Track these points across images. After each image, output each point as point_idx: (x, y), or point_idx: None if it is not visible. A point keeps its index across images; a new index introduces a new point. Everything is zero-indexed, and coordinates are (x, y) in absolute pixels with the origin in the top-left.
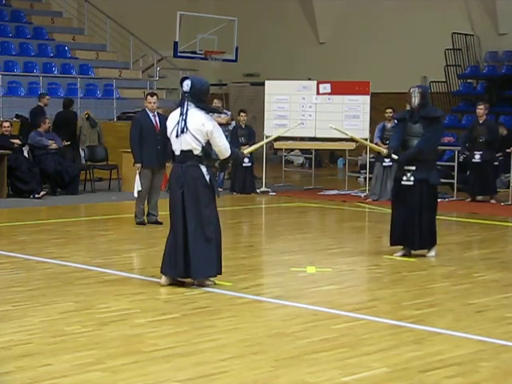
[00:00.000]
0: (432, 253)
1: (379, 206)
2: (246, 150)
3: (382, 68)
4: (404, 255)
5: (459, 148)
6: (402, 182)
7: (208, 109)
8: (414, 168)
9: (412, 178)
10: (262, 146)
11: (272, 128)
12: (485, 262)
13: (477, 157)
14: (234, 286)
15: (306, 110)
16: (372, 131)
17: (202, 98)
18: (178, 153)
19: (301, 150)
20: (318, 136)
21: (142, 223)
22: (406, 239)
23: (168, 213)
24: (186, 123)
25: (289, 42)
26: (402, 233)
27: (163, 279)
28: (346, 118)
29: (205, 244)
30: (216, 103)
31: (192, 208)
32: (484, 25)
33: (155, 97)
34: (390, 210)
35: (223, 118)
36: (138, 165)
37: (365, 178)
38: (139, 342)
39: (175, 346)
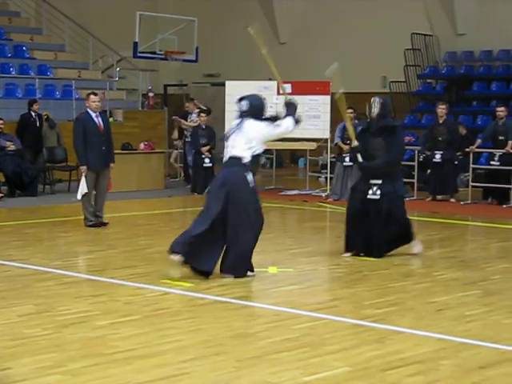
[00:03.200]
0: (416, 248)
1: (340, 205)
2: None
3: (343, 68)
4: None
5: (419, 148)
6: (368, 196)
7: (264, 119)
8: (380, 182)
9: (378, 192)
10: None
11: None
12: (445, 261)
13: (437, 156)
14: (195, 287)
15: (267, 110)
16: (333, 131)
17: (260, 115)
18: (226, 158)
19: None
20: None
21: (94, 225)
22: (368, 248)
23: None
24: (241, 132)
25: (249, 42)
26: (360, 241)
27: (177, 258)
28: (306, 118)
29: (246, 242)
30: (188, 106)
31: (235, 210)
32: (443, 25)
33: (98, 96)
34: None
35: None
36: (84, 167)
37: (326, 178)
38: (100, 344)
39: (136, 347)
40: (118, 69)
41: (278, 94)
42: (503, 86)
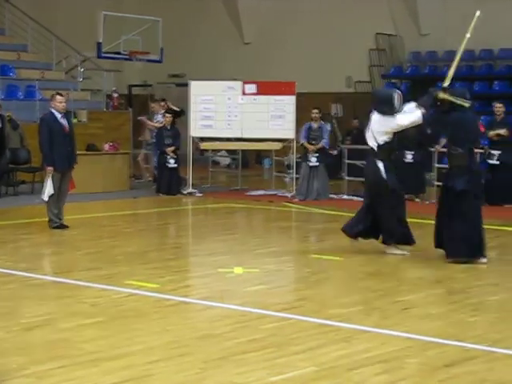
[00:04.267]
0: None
1: (306, 205)
2: (446, 83)
3: (308, 68)
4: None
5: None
6: None
7: (387, 112)
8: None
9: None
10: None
11: (198, 129)
12: (410, 260)
13: (409, 157)
14: (161, 288)
15: (231, 111)
16: (298, 131)
17: (384, 106)
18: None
19: (227, 150)
20: (244, 136)
21: (59, 227)
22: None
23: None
24: (369, 126)
25: (214, 42)
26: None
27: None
28: (271, 118)
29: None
30: (154, 107)
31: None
32: (406, 25)
33: (64, 97)
34: (316, 210)
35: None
36: (50, 168)
37: (291, 178)
38: (65, 346)
39: (102, 349)
40: (81, 69)
41: (244, 94)
42: (467, 85)
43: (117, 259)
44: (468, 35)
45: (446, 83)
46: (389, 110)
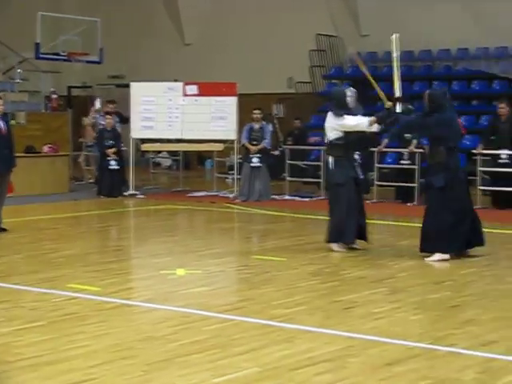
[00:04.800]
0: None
1: (248, 206)
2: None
3: (249, 69)
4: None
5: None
6: None
7: (335, 110)
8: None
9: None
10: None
11: (138, 130)
12: (352, 260)
13: (356, 157)
14: (102, 291)
15: (172, 112)
16: (240, 132)
17: (337, 105)
18: None
19: (168, 151)
20: (185, 137)
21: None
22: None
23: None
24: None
25: (154, 43)
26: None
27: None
28: (213, 120)
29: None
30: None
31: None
32: (347, 26)
33: (1, 98)
34: (258, 211)
35: None
36: None
37: (233, 179)
38: (4, 351)
39: (42, 354)
40: (19, 70)
41: (185, 95)
42: (407, 86)
43: (57, 262)
44: (395, 55)
45: (398, 94)
46: (339, 108)
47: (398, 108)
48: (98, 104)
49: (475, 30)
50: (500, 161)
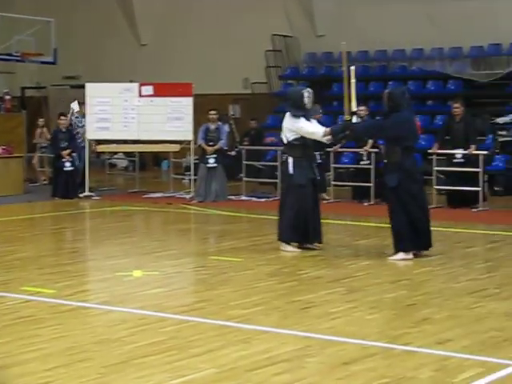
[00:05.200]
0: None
1: (204, 207)
2: (345, 114)
3: (205, 70)
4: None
5: (282, 148)
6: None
7: (292, 112)
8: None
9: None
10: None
11: (94, 131)
12: (309, 260)
13: (317, 157)
14: (58, 293)
15: (128, 113)
16: (196, 133)
17: (294, 105)
18: None
19: (124, 152)
20: (141, 138)
21: None
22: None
23: None
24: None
25: (110, 44)
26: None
27: None
28: (169, 120)
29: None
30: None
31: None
32: (302, 27)
33: None
34: (214, 211)
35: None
36: None
37: (189, 180)
38: None
39: None
40: None
41: (140, 96)
42: (362, 86)
43: (12, 265)
44: (353, 81)
45: (354, 108)
46: (296, 108)
47: (355, 119)
48: (76, 106)
49: (430, 30)
50: (455, 160)
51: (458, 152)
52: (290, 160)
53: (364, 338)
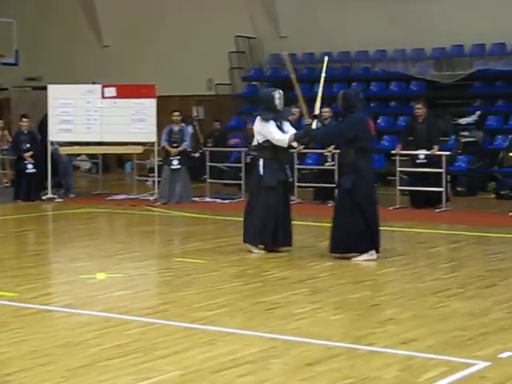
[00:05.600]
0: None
1: (168, 209)
2: (306, 119)
3: (169, 71)
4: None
5: (246, 149)
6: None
7: (262, 115)
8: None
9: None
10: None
11: (56, 133)
12: (273, 261)
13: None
14: (20, 296)
15: (91, 115)
16: (159, 134)
17: (265, 107)
18: None
19: (87, 154)
20: (104, 140)
21: None
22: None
23: None
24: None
25: (72, 45)
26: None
27: None
28: (132, 122)
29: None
30: None
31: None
32: (266, 28)
33: None
34: (178, 213)
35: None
36: None
37: (153, 182)
38: None
39: None
40: None
41: (103, 97)
42: (325, 87)
43: None
44: (323, 75)
45: (316, 112)
46: (268, 110)
47: (315, 125)
48: None
49: (392, 32)
50: (418, 161)
51: (421, 153)
52: (261, 161)
53: (328, 339)
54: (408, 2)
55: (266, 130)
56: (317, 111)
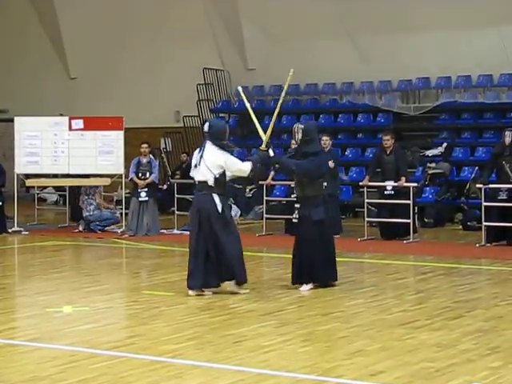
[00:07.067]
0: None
1: (136, 241)
2: (264, 144)
3: (136, 103)
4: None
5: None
6: (293, 220)
7: (222, 146)
8: (298, 206)
9: (296, 216)
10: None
11: (23, 165)
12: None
13: (248, 190)
14: None
15: (58, 147)
16: (127, 166)
17: (219, 137)
18: (196, 183)
19: (54, 187)
20: (71, 172)
21: None
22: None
23: None
24: (202, 157)
25: (39, 77)
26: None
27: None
28: (100, 154)
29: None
30: None
31: (206, 231)
32: (233, 61)
33: None
34: (146, 245)
35: None
36: None
37: (121, 214)
38: None
39: None
40: None
41: (70, 129)
42: (293, 119)
43: None
44: (283, 94)
45: (268, 140)
46: (223, 142)
47: (271, 152)
48: None
49: (360, 64)
50: (386, 192)
51: (388, 184)
52: (217, 198)
53: (296, 371)
54: (374, 36)
55: (231, 161)
56: (268, 139)
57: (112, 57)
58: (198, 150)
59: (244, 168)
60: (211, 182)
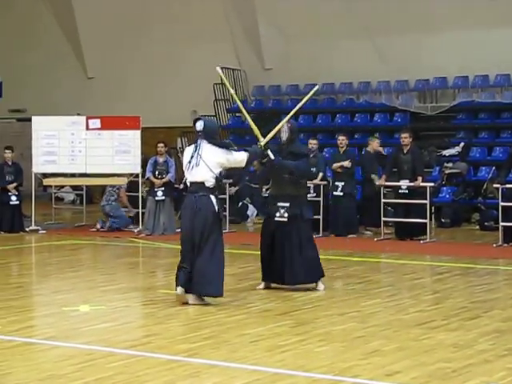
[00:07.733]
0: (321, 286)
1: (153, 240)
2: (263, 142)
3: (153, 103)
4: (266, 288)
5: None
6: (276, 219)
7: (219, 143)
8: (287, 205)
9: (286, 215)
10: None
11: (41, 165)
12: (258, 293)
13: (232, 190)
14: (2, 329)
15: (75, 146)
16: (144, 166)
17: (214, 136)
18: (190, 184)
19: (71, 186)
20: (88, 172)
21: None
22: (280, 274)
23: None
24: (201, 157)
25: (57, 77)
26: (273, 268)
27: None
28: (116, 153)
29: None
30: None
31: (202, 234)
32: (250, 60)
33: None
34: (163, 245)
35: None
36: None
37: (137, 213)
38: None
39: None
40: None
41: (88, 129)
42: (310, 119)
43: None
44: (300, 105)
45: (262, 143)
46: (218, 140)
47: (271, 154)
48: None
49: (377, 64)
50: (400, 191)
51: (404, 184)
52: (214, 200)
53: (313, 371)
54: (392, 35)
55: (231, 156)
56: (262, 143)
57: (129, 56)
58: (191, 150)
59: (240, 158)
60: (210, 183)
